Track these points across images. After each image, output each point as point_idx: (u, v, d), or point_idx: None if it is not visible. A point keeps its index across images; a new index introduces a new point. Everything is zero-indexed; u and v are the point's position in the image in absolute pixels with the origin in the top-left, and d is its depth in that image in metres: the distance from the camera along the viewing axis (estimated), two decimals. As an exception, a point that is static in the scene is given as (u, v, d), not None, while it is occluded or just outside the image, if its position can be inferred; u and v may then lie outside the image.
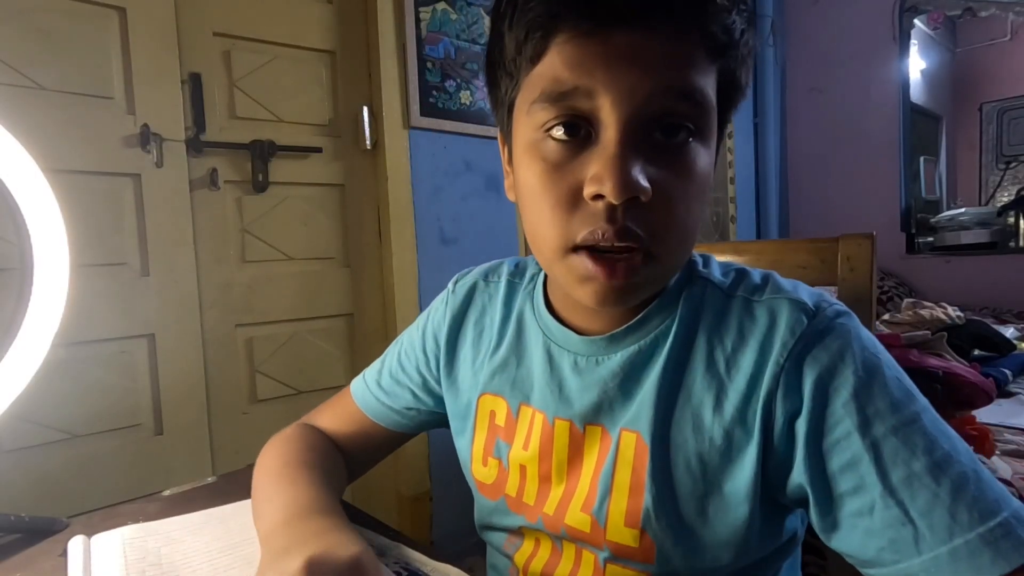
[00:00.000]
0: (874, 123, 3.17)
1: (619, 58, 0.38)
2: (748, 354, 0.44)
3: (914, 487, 0.37)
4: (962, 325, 1.70)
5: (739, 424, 0.44)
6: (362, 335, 1.71)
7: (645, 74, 0.38)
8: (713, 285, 0.48)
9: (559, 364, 0.51)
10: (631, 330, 0.48)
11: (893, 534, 0.37)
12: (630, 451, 0.46)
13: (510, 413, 0.54)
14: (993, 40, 4.01)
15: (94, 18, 1.30)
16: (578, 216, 0.40)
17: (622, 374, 0.48)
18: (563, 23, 0.38)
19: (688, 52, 0.39)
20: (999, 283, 2.91)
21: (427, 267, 1.77)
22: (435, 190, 1.78)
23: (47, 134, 1.22)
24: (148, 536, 0.57)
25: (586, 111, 0.39)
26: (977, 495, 0.36)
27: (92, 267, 1.29)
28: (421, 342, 0.63)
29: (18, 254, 0.62)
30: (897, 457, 0.38)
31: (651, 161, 0.39)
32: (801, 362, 0.42)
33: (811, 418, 0.41)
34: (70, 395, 1.24)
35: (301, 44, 1.60)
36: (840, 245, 0.71)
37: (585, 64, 0.38)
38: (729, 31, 0.40)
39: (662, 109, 0.39)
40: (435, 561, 0.53)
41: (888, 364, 0.42)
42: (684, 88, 0.39)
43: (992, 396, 1.30)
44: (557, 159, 0.41)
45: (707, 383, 0.45)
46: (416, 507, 1.74)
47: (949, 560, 0.35)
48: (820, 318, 0.43)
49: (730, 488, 0.44)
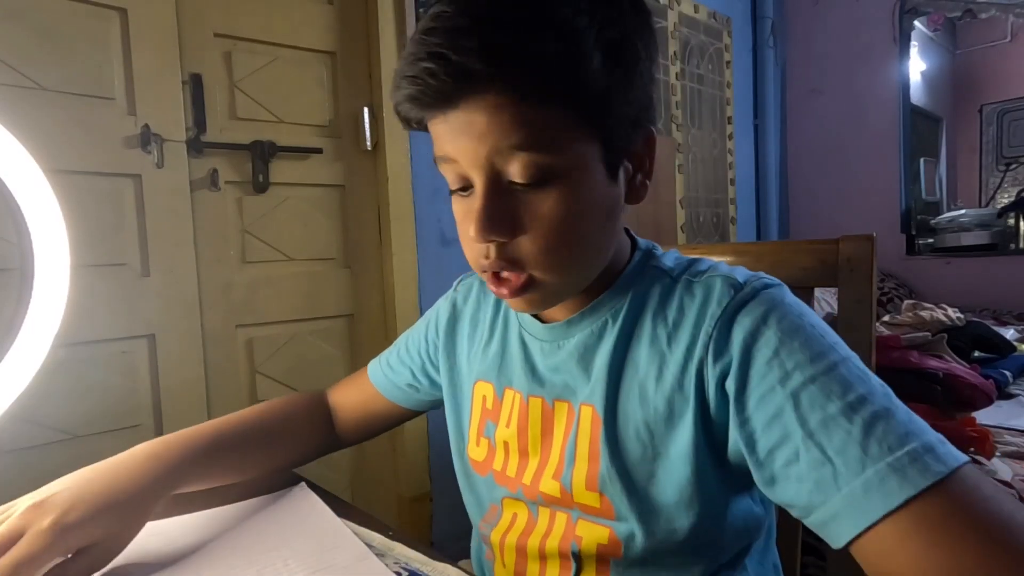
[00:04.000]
0: (874, 124, 3.18)
1: (458, 133, 0.46)
2: (686, 327, 0.50)
3: (830, 428, 0.40)
4: (962, 326, 1.70)
5: (678, 391, 0.49)
6: (362, 336, 1.71)
7: (479, 142, 0.45)
8: (662, 272, 0.55)
9: (531, 349, 0.59)
10: (583, 316, 0.55)
11: (816, 476, 0.40)
12: (587, 423, 0.53)
13: (496, 396, 0.61)
14: (993, 42, 4.02)
15: (95, 18, 1.30)
16: (473, 247, 0.50)
17: (578, 354, 0.55)
18: (416, 112, 0.47)
19: (508, 113, 0.44)
20: (999, 284, 2.91)
21: (427, 268, 1.77)
22: (435, 191, 1.78)
23: (48, 134, 1.22)
24: (149, 536, 0.57)
25: (462, 172, 0.48)
26: (888, 429, 0.39)
27: (92, 267, 1.29)
28: (424, 331, 0.72)
29: (18, 254, 0.62)
30: (815, 403, 0.41)
31: (517, 203, 0.47)
32: (728, 328, 0.47)
33: (738, 377, 0.46)
34: (70, 395, 1.24)
35: (302, 45, 1.60)
36: (840, 246, 0.72)
37: (443, 137, 0.47)
38: (541, 73, 0.43)
39: (506, 166, 0.46)
40: (435, 561, 0.53)
41: (812, 323, 0.46)
42: (515, 145, 0.45)
43: (992, 397, 1.30)
44: (462, 206, 0.50)
45: (651, 357, 0.51)
46: (416, 507, 1.74)
47: (862, 491, 0.38)
48: (747, 290, 0.48)
49: (674, 452, 0.49)
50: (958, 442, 1.21)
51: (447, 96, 0.44)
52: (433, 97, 0.45)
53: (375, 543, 0.56)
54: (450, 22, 0.43)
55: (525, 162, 0.45)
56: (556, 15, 0.44)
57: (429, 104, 0.46)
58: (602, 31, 0.45)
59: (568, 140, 0.46)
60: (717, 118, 2.99)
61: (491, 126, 0.45)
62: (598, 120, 0.47)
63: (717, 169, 3.00)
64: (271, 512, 0.63)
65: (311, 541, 0.56)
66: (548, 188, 0.47)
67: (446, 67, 0.43)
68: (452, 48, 0.43)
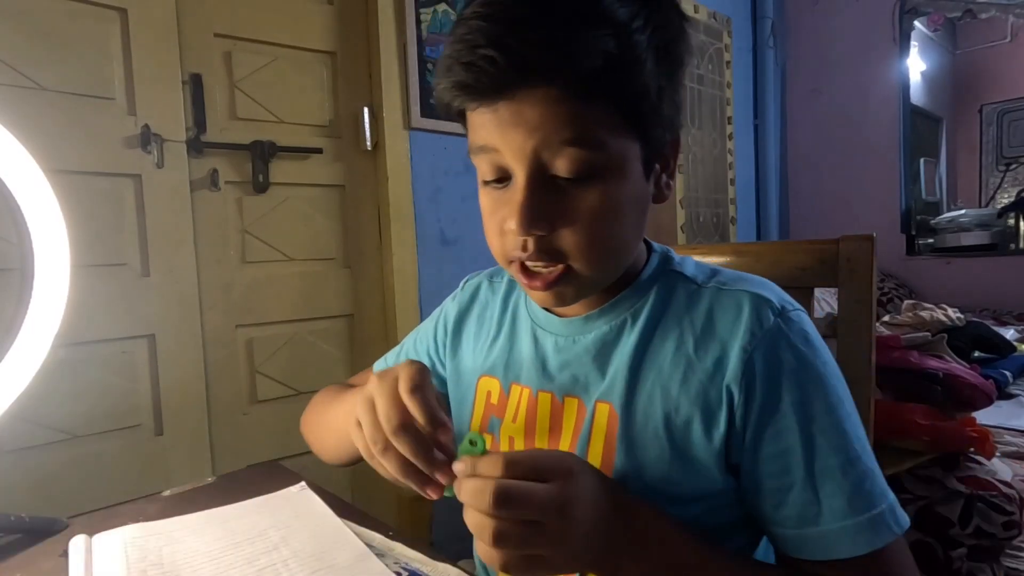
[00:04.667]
0: (874, 124, 3.18)
1: (506, 124, 0.46)
2: (715, 337, 0.51)
3: (826, 477, 0.47)
4: (962, 327, 1.70)
5: (703, 399, 0.50)
6: (362, 336, 1.71)
7: (528, 134, 0.45)
8: (685, 278, 0.55)
9: (543, 344, 0.59)
10: (603, 312, 0.56)
11: (802, 510, 0.47)
12: (604, 419, 0.53)
13: (502, 391, 0.61)
14: (993, 42, 4.02)
15: (95, 18, 1.30)
16: (507, 239, 0.50)
17: (595, 350, 0.55)
18: (462, 100, 0.47)
19: (560, 108, 0.44)
20: (999, 285, 2.91)
21: (427, 268, 1.77)
22: (435, 191, 1.78)
23: (48, 134, 1.22)
24: (149, 536, 0.57)
25: (501, 163, 0.48)
26: (869, 488, 0.47)
27: (92, 267, 1.29)
28: (432, 330, 0.72)
29: (18, 254, 0.62)
30: (821, 453, 0.47)
31: (557, 196, 0.47)
32: (766, 355, 0.49)
33: (762, 406, 0.48)
34: (70, 395, 1.24)
35: (302, 45, 1.60)
36: (840, 246, 0.72)
37: (487, 127, 0.47)
38: (599, 71, 0.44)
39: (552, 159, 0.46)
40: (435, 561, 0.53)
41: (832, 373, 0.50)
42: (565, 140, 0.45)
43: (992, 398, 1.30)
44: (493, 197, 0.51)
45: (676, 361, 0.52)
46: (416, 507, 1.74)
47: (839, 533, 0.46)
48: (785, 319, 0.50)
49: (691, 454, 0.50)
50: (958, 442, 1.21)
51: (503, 86, 0.44)
52: (488, 86, 0.44)
53: (375, 543, 0.56)
54: (510, 11, 0.43)
55: (573, 157, 0.46)
56: (615, 14, 0.44)
57: (481, 92, 0.45)
58: (654, 34, 0.46)
59: (613, 138, 0.47)
60: (717, 118, 2.99)
61: (544, 120, 0.45)
62: (644, 121, 0.48)
63: (717, 169, 3.00)
64: (271, 512, 0.63)
65: (311, 541, 0.56)
66: (590, 183, 0.47)
67: (508, 57, 0.43)
68: (515, 38, 0.42)
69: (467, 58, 0.44)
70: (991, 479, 1.17)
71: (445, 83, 0.46)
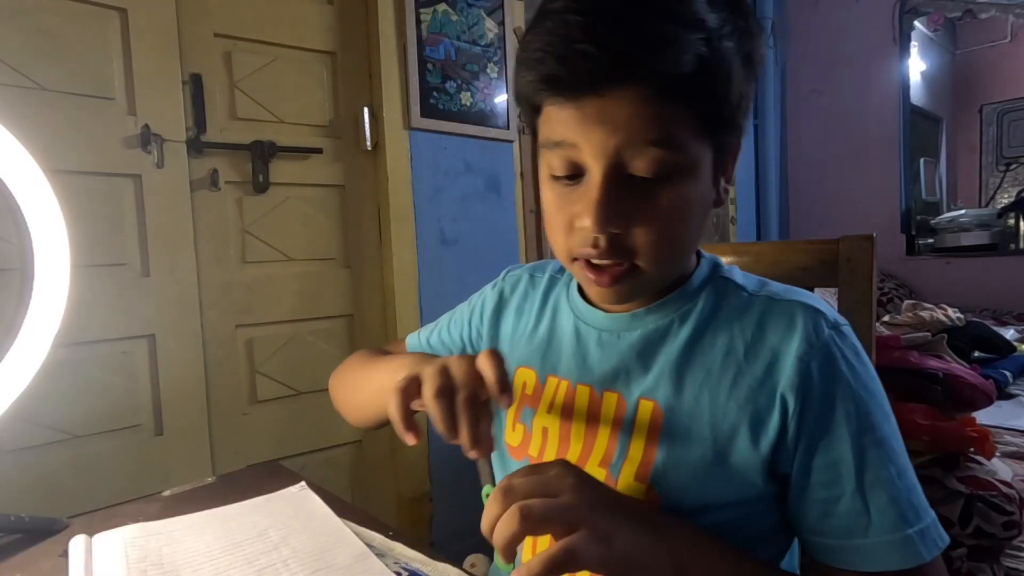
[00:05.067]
0: (874, 124, 3.18)
1: (591, 121, 0.45)
2: (766, 346, 0.51)
3: (877, 489, 0.47)
4: (962, 327, 1.70)
5: (753, 405, 0.50)
6: (362, 336, 1.71)
7: (613, 132, 0.45)
8: (736, 286, 0.56)
9: (585, 339, 0.59)
10: (650, 311, 0.56)
11: (851, 520, 0.47)
12: (647, 415, 0.53)
13: (538, 382, 0.61)
14: (993, 42, 4.02)
15: (95, 19, 1.30)
16: (575, 236, 0.50)
17: (639, 347, 0.55)
18: (546, 95, 0.47)
19: (649, 108, 0.44)
20: (999, 285, 2.91)
21: (427, 268, 1.77)
22: (435, 191, 1.78)
23: (48, 134, 1.22)
24: (149, 536, 0.57)
25: (576, 159, 0.48)
26: (916, 502, 0.48)
27: (92, 267, 1.29)
28: (469, 315, 0.72)
29: (18, 254, 0.62)
30: (872, 464, 0.47)
31: (631, 195, 0.47)
32: (822, 366, 0.49)
33: (817, 416, 0.48)
34: (70, 395, 1.24)
35: (302, 45, 1.60)
36: (840, 246, 0.72)
37: (568, 123, 0.47)
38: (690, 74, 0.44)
39: (633, 158, 0.46)
40: (435, 561, 0.53)
41: (880, 389, 0.51)
42: (649, 140, 0.45)
43: (992, 398, 1.30)
44: (561, 192, 0.51)
45: (726, 366, 0.52)
46: (416, 507, 1.74)
47: (888, 546, 0.46)
48: (839, 332, 0.51)
49: (733, 459, 0.50)
50: (958, 442, 1.21)
51: (596, 82, 0.44)
52: (581, 81, 0.44)
53: (375, 543, 0.56)
54: (605, 5, 0.43)
55: (654, 157, 0.46)
56: (706, 19, 0.45)
57: (572, 87, 0.45)
58: (740, 40, 0.47)
59: (692, 141, 0.47)
60: (717, 118, 2.99)
61: (632, 119, 0.44)
62: (722, 127, 0.49)
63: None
64: (271, 512, 0.63)
65: (311, 541, 0.56)
66: (665, 183, 0.47)
67: (605, 52, 0.42)
68: (613, 34, 0.42)
69: (562, 52, 0.43)
70: (991, 479, 1.17)
71: (532, 76, 0.46)
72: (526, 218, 2.04)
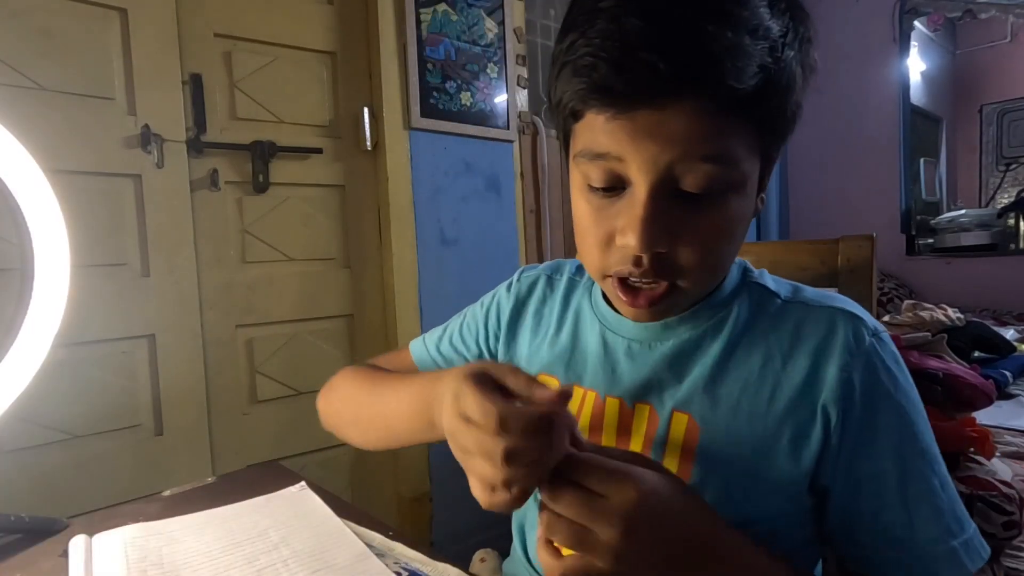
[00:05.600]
0: (874, 124, 3.18)
1: (643, 134, 0.42)
2: (804, 355, 0.49)
3: (920, 500, 0.46)
4: (962, 327, 1.70)
5: (793, 418, 0.48)
6: (362, 336, 1.71)
7: (666, 147, 0.42)
8: (768, 292, 0.54)
9: (613, 348, 0.56)
10: (682, 321, 0.53)
11: (894, 532, 0.46)
12: (681, 429, 0.50)
13: None
14: (993, 42, 4.02)
15: (95, 19, 1.30)
16: (612, 253, 0.47)
17: (672, 357, 0.53)
18: (595, 104, 0.43)
19: (707, 122, 0.41)
20: (999, 285, 2.91)
21: (427, 268, 1.77)
22: (435, 191, 1.78)
23: (48, 134, 1.22)
24: (149, 536, 0.57)
25: (619, 171, 0.44)
26: (958, 514, 0.47)
27: (92, 267, 1.29)
28: (484, 318, 0.68)
29: (18, 254, 0.62)
30: (915, 475, 0.46)
31: (678, 212, 0.44)
32: (864, 375, 0.47)
33: (860, 427, 0.47)
34: (70, 395, 1.24)
35: (302, 45, 1.60)
36: (840, 246, 0.72)
37: (615, 134, 0.43)
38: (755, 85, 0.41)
39: (684, 174, 0.43)
40: (435, 561, 0.53)
41: (918, 398, 0.49)
42: (704, 156, 0.42)
43: (992, 398, 1.29)
44: (598, 205, 0.47)
45: (763, 377, 0.50)
46: (416, 507, 1.74)
47: (933, 558, 0.45)
48: (879, 339, 0.49)
49: (772, 473, 0.48)
50: (958, 442, 1.21)
51: (653, 93, 0.40)
52: (636, 90, 0.40)
53: (375, 543, 0.56)
54: (665, 7, 0.39)
55: (708, 174, 0.43)
56: (772, 25, 0.41)
57: (626, 97, 0.41)
58: (800, 49, 0.44)
59: (745, 156, 0.44)
60: (717, 118, 2.99)
61: (687, 133, 0.41)
62: (777, 141, 0.47)
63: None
64: (271, 512, 0.63)
65: (311, 541, 0.56)
66: (715, 200, 0.44)
67: (671, 64, 0.38)
68: (676, 42, 0.38)
69: (619, 59, 0.39)
70: (991, 479, 1.17)
71: (580, 83, 0.42)
72: (526, 218, 2.04)
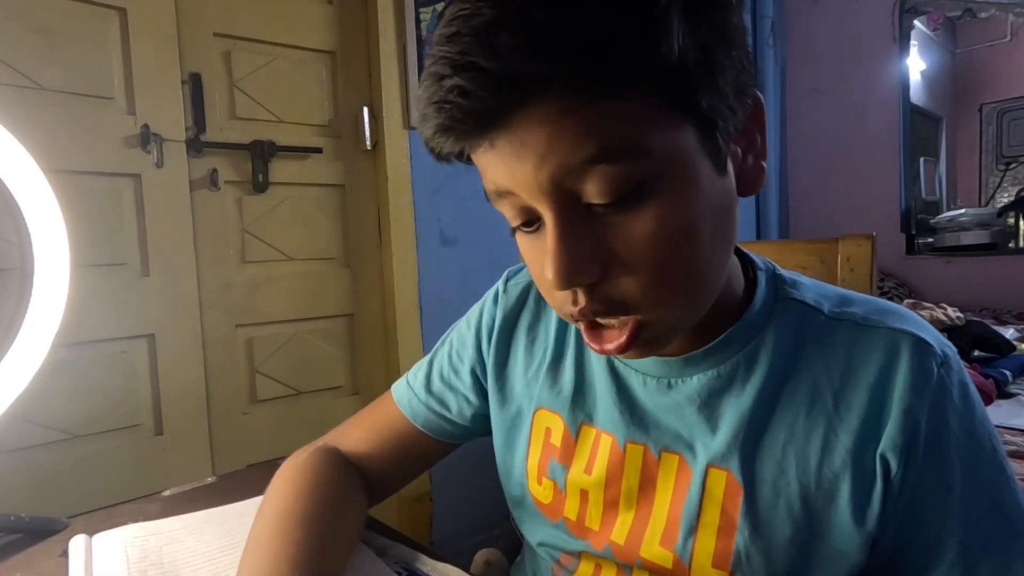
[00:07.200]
0: (874, 124, 3.17)
1: (508, 159, 0.36)
2: (862, 389, 0.42)
3: (982, 557, 0.40)
4: (962, 326, 1.70)
5: (850, 470, 0.41)
6: (362, 335, 1.71)
7: (537, 166, 0.35)
8: (808, 308, 0.45)
9: (627, 383, 0.48)
10: (709, 353, 0.45)
11: None
12: (719, 489, 0.44)
13: (568, 433, 0.51)
14: (993, 41, 4.01)
15: (94, 18, 1.30)
16: (557, 294, 0.40)
17: (699, 400, 0.45)
18: (452, 144, 0.36)
19: (573, 120, 0.34)
20: (999, 284, 2.91)
21: (427, 267, 1.77)
22: (435, 191, 1.78)
23: (47, 134, 1.22)
24: (150, 536, 0.57)
25: (524, 204, 0.38)
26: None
27: (92, 267, 1.29)
28: (475, 340, 0.58)
29: (18, 254, 0.62)
30: (977, 526, 0.40)
31: (603, 233, 0.37)
32: (931, 419, 0.40)
33: (922, 476, 0.41)
34: (70, 395, 1.24)
35: (301, 45, 1.60)
36: (840, 246, 0.72)
37: (491, 168, 0.37)
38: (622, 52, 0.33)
39: (581, 186, 0.35)
40: (435, 561, 0.53)
41: (992, 432, 0.43)
42: (590, 158, 0.34)
43: (992, 397, 1.30)
44: (529, 244, 0.41)
45: (813, 421, 0.42)
46: (416, 507, 1.74)
47: None
48: (947, 368, 0.42)
49: (834, 535, 0.42)
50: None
51: (489, 116, 0.34)
52: (471, 122, 0.34)
53: (375, 543, 0.56)
54: (476, 19, 0.33)
55: (606, 177, 0.35)
56: None
57: (467, 132, 0.35)
58: None
59: (655, 135, 0.35)
60: (717, 118, 2.98)
61: (553, 141, 0.34)
62: (690, 99, 0.35)
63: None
64: (271, 512, 0.63)
65: (311, 541, 0.56)
66: (640, 203, 0.36)
67: (481, 79, 0.32)
68: (485, 52, 0.32)
69: (436, 96, 0.34)
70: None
71: (426, 131, 0.36)
72: (526, 218, 2.03)
